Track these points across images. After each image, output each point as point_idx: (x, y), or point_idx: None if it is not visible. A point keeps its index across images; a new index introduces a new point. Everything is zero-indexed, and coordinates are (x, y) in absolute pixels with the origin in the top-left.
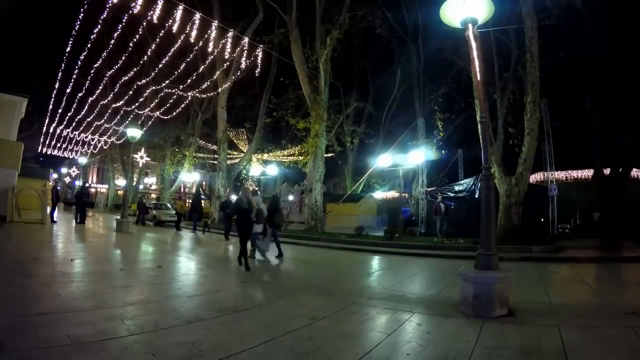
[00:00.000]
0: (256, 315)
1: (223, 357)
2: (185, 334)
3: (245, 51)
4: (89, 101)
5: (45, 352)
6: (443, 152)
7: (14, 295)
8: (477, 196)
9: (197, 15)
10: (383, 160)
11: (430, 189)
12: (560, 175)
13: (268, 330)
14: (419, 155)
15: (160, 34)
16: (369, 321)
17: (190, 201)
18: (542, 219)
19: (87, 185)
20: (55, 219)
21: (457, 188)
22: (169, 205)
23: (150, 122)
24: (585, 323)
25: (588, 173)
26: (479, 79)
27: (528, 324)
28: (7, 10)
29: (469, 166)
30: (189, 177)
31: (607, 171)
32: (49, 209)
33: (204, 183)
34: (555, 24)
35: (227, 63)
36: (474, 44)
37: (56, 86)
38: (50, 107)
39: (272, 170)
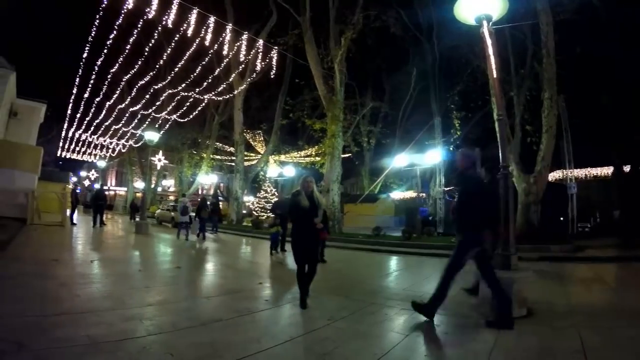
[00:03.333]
0: (274, 316)
1: (240, 358)
2: (203, 335)
3: (260, 53)
4: (107, 105)
5: (64, 352)
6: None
7: (33, 296)
8: None
9: (212, 19)
10: (400, 160)
11: (448, 188)
12: (580, 173)
13: (286, 331)
14: (436, 155)
15: (176, 38)
16: (387, 322)
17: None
18: (562, 218)
19: (103, 187)
20: (74, 222)
21: None
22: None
23: (167, 125)
24: (605, 324)
25: (608, 170)
26: (495, 76)
27: (547, 325)
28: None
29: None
30: (207, 179)
31: (627, 168)
32: (68, 212)
33: (221, 185)
34: (571, 19)
35: (243, 65)
36: (489, 41)
37: (74, 91)
38: (69, 111)
39: (289, 172)
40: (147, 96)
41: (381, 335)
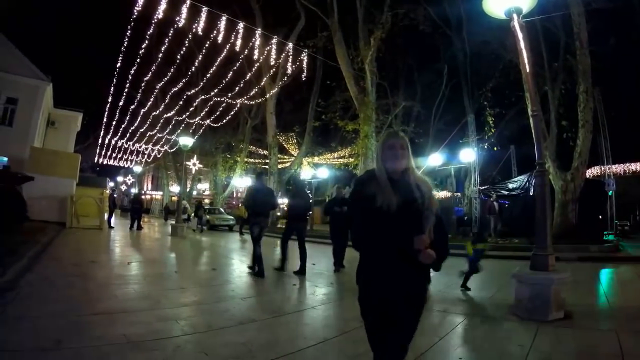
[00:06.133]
0: (308, 317)
1: (274, 358)
2: (237, 335)
3: (290, 56)
4: (141, 112)
5: (101, 350)
6: (495, 148)
7: (72, 296)
8: (531, 193)
9: (241, 25)
10: (434, 159)
11: (483, 187)
12: (618, 168)
13: (319, 332)
14: (470, 153)
15: (207, 45)
16: (420, 324)
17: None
18: (600, 216)
19: (132, 192)
20: (112, 225)
21: (510, 186)
22: (222, 210)
23: (201, 130)
24: None
25: None
26: (527, 70)
27: (585, 328)
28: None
29: (522, 162)
30: (241, 182)
31: None
32: (106, 216)
33: None
34: (603, 8)
35: (274, 69)
36: (520, 35)
37: (109, 99)
38: (105, 119)
39: (323, 173)
40: (181, 102)
41: (415, 336)
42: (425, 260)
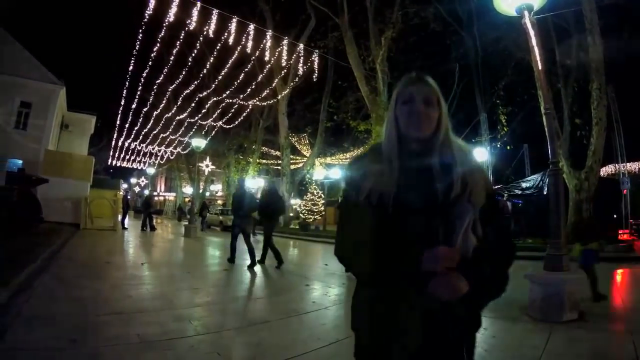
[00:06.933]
0: (321, 318)
1: (287, 358)
2: (250, 335)
3: (302, 57)
4: (154, 115)
5: (115, 349)
6: (508, 147)
7: (87, 297)
8: (545, 193)
9: (252, 27)
10: None
11: (496, 186)
12: (633, 166)
13: (332, 332)
14: (482, 152)
15: (218, 47)
16: None
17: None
18: (615, 215)
19: (145, 193)
20: (126, 226)
21: (524, 185)
22: None
23: (213, 132)
24: None
25: None
26: (540, 68)
27: (599, 330)
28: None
29: (535, 161)
30: (254, 183)
31: None
32: (120, 217)
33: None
34: (616, 2)
35: (285, 70)
36: (531, 32)
37: (122, 102)
38: (118, 121)
39: (336, 174)
40: (193, 104)
41: None
42: (439, 292)
